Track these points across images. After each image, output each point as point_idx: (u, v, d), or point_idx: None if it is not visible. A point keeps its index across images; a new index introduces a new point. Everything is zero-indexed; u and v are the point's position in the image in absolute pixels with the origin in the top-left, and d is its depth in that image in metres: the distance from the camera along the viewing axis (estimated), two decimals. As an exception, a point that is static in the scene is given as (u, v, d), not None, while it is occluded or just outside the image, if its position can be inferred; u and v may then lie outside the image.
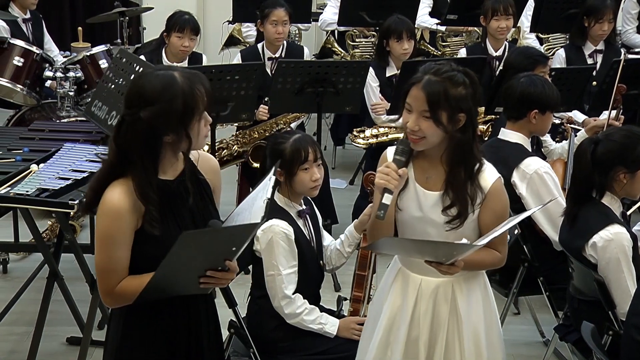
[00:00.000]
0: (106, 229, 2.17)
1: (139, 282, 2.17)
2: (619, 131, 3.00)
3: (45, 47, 5.66)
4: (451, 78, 2.34)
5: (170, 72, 2.18)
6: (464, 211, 2.39)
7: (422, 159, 2.46)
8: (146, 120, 2.12)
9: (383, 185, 2.34)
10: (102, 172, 2.21)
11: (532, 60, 3.97)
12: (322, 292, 3.13)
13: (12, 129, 4.73)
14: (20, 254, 4.62)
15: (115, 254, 2.18)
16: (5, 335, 3.86)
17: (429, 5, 6.17)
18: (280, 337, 2.95)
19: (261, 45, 5.11)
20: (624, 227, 2.88)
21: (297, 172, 2.90)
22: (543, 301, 3.64)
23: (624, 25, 6.26)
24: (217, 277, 2.20)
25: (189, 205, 2.24)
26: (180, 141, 2.17)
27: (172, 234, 2.16)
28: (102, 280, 2.21)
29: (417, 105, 2.35)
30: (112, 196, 2.16)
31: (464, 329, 2.50)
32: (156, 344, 2.30)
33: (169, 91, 2.13)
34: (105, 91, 3.93)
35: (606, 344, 2.85)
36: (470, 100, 2.36)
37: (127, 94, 2.18)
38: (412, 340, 2.52)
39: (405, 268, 2.56)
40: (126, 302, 2.23)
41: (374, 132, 4.87)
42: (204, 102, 2.18)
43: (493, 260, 2.52)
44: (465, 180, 2.40)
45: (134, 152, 2.14)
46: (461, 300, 2.51)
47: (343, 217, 4.78)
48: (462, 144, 2.37)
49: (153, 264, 2.14)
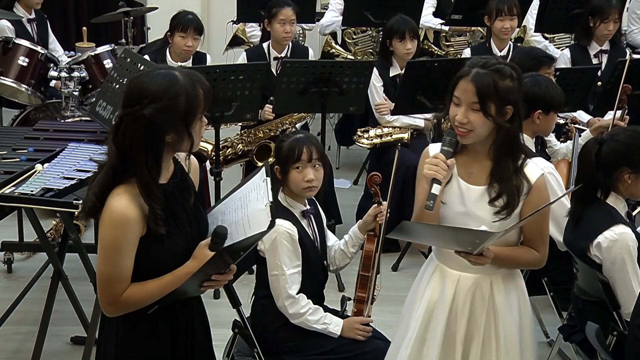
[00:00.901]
0: (112, 239, 2.13)
1: (145, 288, 2.16)
2: (624, 131, 3.00)
3: (50, 47, 5.67)
4: (499, 70, 2.37)
5: (171, 71, 2.17)
6: (512, 200, 2.41)
7: (465, 154, 2.48)
8: (149, 118, 2.08)
9: (432, 176, 2.36)
10: (104, 177, 2.15)
11: (537, 61, 3.97)
12: (326, 292, 3.12)
13: (16, 129, 4.75)
14: (24, 254, 4.62)
15: (122, 262, 2.14)
16: (10, 334, 3.86)
17: (433, 5, 6.17)
18: (284, 337, 2.96)
19: (267, 45, 5.11)
20: (629, 228, 2.87)
21: (290, 171, 2.91)
22: (547, 301, 3.63)
23: (629, 25, 6.25)
24: (219, 279, 2.21)
25: (184, 207, 2.24)
26: (181, 141, 2.15)
27: (174, 234, 2.17)
28: (106, 290, 2.16)
29: (466, 98, 2.37)
30: (119, 204, 2.11)
31: (500, 327, 2.51)
32: (158, 348, 2.28)
33: (173, 89, 2.11)
34: (110, 91, 3.94)
35: (611, 345, 2.85)
36: (517, 93, 2.39)
37: (127, 93, 2.14)
38: (449, 336, 2.53)
39: (442, 264, 2.57)
40: (129, 311, 2.20)
41: (378, 132, 4.87)
42: (205, 103, 2.17)
43: (530, 259, 2.53)
44: (513, 172, 2.42)
45: (136, 152, 2.10)
46: (499, 298, 2.52)
47: (347, 218, 4.78)
48: (510, 136, 2.40)
49: (155, 266, 2.14)
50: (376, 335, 3.02)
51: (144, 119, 2.09)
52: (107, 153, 2.16)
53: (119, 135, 2.12)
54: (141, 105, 2.09)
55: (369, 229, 3.02)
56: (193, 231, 2.24)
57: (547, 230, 2.54)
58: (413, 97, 4.50)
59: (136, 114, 2.10)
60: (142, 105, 2.09)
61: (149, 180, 2.12)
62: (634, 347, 2.59)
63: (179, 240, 2.20)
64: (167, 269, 2.18)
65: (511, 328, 2.53)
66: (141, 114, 2.09)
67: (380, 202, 3.01)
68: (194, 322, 2.34)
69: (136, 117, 2.10)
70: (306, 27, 6.41)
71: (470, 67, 2.40)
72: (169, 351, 2.29)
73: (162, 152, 2.14)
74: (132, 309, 2.20)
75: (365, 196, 4.92)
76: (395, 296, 3.80)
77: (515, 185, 2.42)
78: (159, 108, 2.09)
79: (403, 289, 2.71)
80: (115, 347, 2.27)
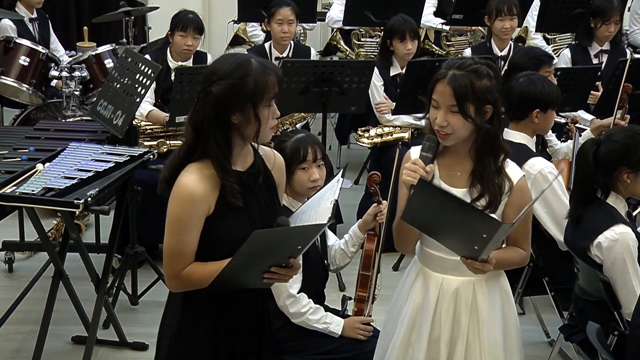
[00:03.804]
0: (178, 213, 2.18)
1: (204, 269, 2.20)
2: (621, 131, 2.99)
3: (52, 47, 5.68)
4: (475, 71, 2.36)
5: (247, 55, 2.25)
6: (494, 200, 2.40)
7: (447, 157, 2.47)
8: (217, 95, 2.15)
9: (410, 182, 2.33)
10: (180, 153, 2.22)
11: (537, 61, 3.96)
12: (327, 292, 3.13)
13: (17, 129, 4.76)
14: (25, 253, 4.63)
15: (185, 238, 2.19)
16: (10, 334, 3.86)
17: (434, 5, 6.18)
18: (285, 336, 2.95)
19: (268, 45, 5.12)
20: (629, 227, 2.87)
21: (295, 171, 2.91)
22: (548, 301, 3.63)
23: (631, 25, 6.25)
24: (281, 273, 2.21)
25: (257, 198, 2.27)
26: (248, 123, 2.18)
27: (242, 219, 2.21)
28: (170, 264, 2.22)
29: (443, 101, 2.36)
30: (187, 180, 2.17)
31: (484, 329, 2.50)
32: (215, 336, 2.30)
33: (243, 69, 2.17)
34: (111, 90, 3.94)
35: (612, 345, 2.85)
36: (495, 92, 2.37)
37: (204, 73, 2.22)
38: (433, 339, 2.52)
39: (426, 267, 2.56)
40: (189, 288, 2.24)
41: (379, 131, 4.87)
42: (274, 90, 2.20)
43: (520, 258, 2.53)
44: (494, 171, 2.41)
45: (207, 128, 2.17)
46: (482, 301, 2.50)
47: (348, 217, 4.78)
48: (490, 135, 2.39)
49: (219, 248, 2.18)
50: (377, 334, 3.01)
51: (213, 95, 2.15)
52: (183, 133, 2.24)
53: (193, 113, 2.20)
54: (211, 83, 2.16)
55: (369, 228, 3.02)
56: (264, 224, 2.25)
57: (530, 228, 2.54)
58: (414, 96, 4.49)
59: (206, 90, 2.17)
60: (212, 82, 2.16)
61: (220, 156, 2.17)
62: (635, 346, 2.59)
63: (247, 227, 2.19)
64: (230, 254, 2.18)
65: (495, 330, 2.51)
66: (210, 90, 2.16)
67: (380, 201, 3.01)
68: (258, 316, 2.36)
69: (206, 94, 2.17)
70: (307, 26, 6.41)
71: (447, 69, 2.38)
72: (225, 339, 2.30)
73: (231, 133, 2.19)
74: (192, 287, 2.23)
75: (366, 195, 4.92)
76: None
77: (497, 184, 2.41)
78: (227, 85, 2.15)
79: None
80: (174, 335, 2.30)
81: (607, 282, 2.84)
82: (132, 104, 3.77)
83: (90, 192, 3.07)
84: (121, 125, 3.75)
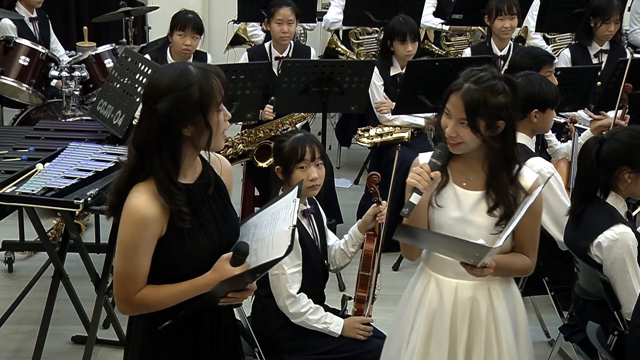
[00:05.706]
0: (130, 237, 2.12)
1: (158, 293, 2.15)
2: (624, 131, 3.00)
3: (52, 47, 5.68)
4: (491, 88, 2.35)
5: (184, 64, 2.17)
6: (510, 212, 2.40)
7: (461, 163, 2.47)
8: (163, 112, 2.07)
9: (413, 185, 2.35)
10: (123, 176, 2.15)
11: (538, 60, 3.96)
12: (327, 292, 3.13)
13: (17, 128, 4.75)
14: (25, 253, 4.63)
15: (137, 262, 2.13)
16: (10, 334, 3.86)
17: (433, 5, 6.18)
18: (285, 336, 2.96)
19: (268, 45, 5.12)
20: (629, 227, 2.87)
21: (294, 170, 2.91)
22: (548, 301, 3.63)
23: (631, 25, 6.25)
24: (237, 297, 2.20)
25: (210, 208, 2.22)
26: (201, 133, 2.11)
27: (197, 235, 2.16)
28: (121, 287, 2.16)
29: (455, 112, 2.37)
30: (137, 202, 2.10)
31: (502, 333, 2.50)
32: (181, 352, 2.26)
33: (185, 80, 2.09)
34: (111, 90, 3.94)
35: (611, 344, 2.85)
36: (510, 108, 2.37)
37: (144, 91, 2.15)
38: (451, 345, 2.51)
39: (436, 274, 2.54)
40: (142, 312, 2.20)
41: (379, 131, 4.87)
42: (220, 92, 2.14)
43: (523, 266, 2.52)
44: (508, 184, 2.42)
45: (152, 150, 2.09)
46: (498, 304, 2.51)
47: (348, 217, 4.78)
48: (502, 150, 2.40)
49: (175, 268, 2.14)
50: (377, 334, 3.02)
51: (159, 114, 2.08)
52: (126, 154, 2.16)
53: (137, 134, 2.13)
54: (155, 100, 2.08)
55: (368, 229, 3.02)
56: (221, 233, 2.22)
57: (538, 235, 2.53)
58: (414, 96, 4.50)
59: (151, 109, 2.09)
60: (155, 99, 2.08)
61: (165, 179, 2.10)
62: (635, 346, 2.59)
63: (202, 241, 2.17)
64: (188, 271, 2.16)
65: (509, 333, 2.52)
66: (155, 108, 2.08)
67: (380, 201, 3.01)
68: (220, 329, 2.32)
69: (151, 113, 2.09)
70: (307, 26, 6.41)
71: (464, 80, 2.38)
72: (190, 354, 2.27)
73: (180, 147, 2.13)
74: (145, 311, 2.19)
75: (365, 195, 4.92)
76: (396, 296, 3.78)
77: (512, 195, 2.42)
78: (172, 100, 2.07)
79: (404, 288, 2.70)
80: (140, 353, 2.26)
81: (607, 282, 2.84)
82: (132, 104, 3.77)
83: (90, 192, 3.07)
84: (121, 125, 3.75)
